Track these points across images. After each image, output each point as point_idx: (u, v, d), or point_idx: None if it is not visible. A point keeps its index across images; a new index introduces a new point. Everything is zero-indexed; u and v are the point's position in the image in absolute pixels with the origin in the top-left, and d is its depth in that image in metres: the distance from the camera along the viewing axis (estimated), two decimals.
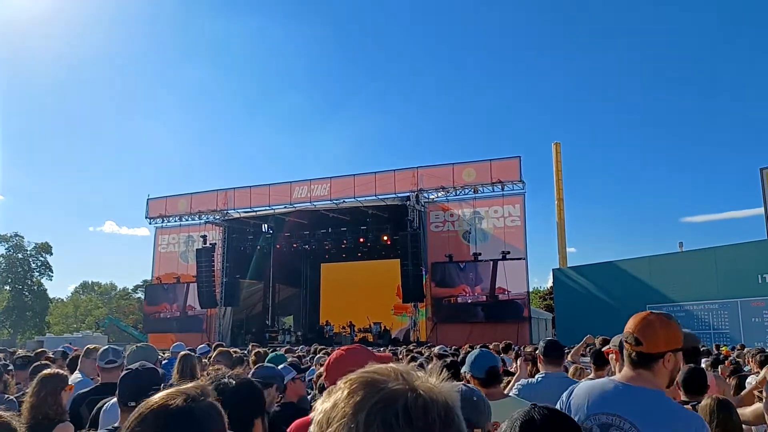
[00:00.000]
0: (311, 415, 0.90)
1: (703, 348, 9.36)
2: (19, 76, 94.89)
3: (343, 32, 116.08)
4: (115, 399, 3.47)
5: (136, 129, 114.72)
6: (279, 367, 4.20)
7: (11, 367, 6.83)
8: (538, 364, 4.71)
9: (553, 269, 30.71)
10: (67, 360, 6.58)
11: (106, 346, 4.80)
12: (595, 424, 2.24)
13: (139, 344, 5.01)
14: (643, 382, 2.24)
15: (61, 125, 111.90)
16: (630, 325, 2.33)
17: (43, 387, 3.67)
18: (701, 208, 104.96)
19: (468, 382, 3.33)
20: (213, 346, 10.70)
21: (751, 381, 4.53)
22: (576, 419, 2.29)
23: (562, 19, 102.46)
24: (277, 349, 12.90)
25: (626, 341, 2.32)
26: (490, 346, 9.81)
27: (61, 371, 4.06)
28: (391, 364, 0.89)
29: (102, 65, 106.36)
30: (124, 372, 3.11)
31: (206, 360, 7.61)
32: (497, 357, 3.76)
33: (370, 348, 2.95)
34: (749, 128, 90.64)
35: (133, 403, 2.89)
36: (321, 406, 0.88)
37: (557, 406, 2.44)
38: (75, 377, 5.08)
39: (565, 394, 2.45)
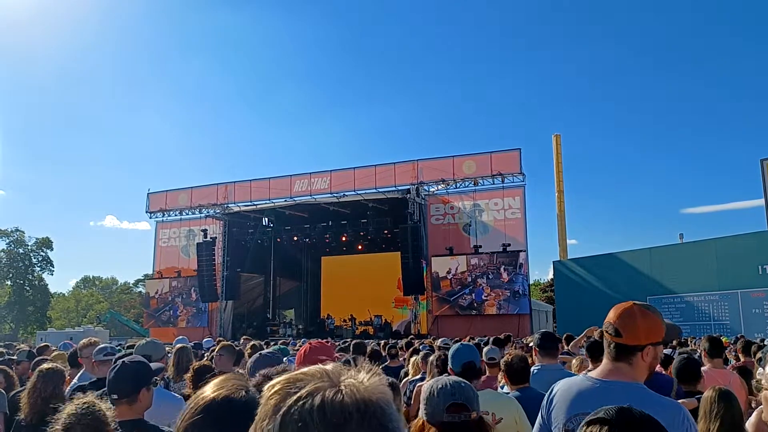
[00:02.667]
0: None
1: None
2: (19, 71, 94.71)
3: (344, 25, 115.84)
4: None
5: (137, 123, 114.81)
6: (285, 359, 4.21)
7: (15, 357, 6.88)
8: (534, 356, 4.69)
9: (553, 261, 30.76)
10: (68, 356, 6.59)
11: (105, 343, 4.82)
12: (576, 425, 2.17)
13: (147, 339, 5.02)
14: (620, 376, 2.20)
15: (61, 120, 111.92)
16: (611, 315, 2.27)
17: (50, 379, 3.72)
18: (702, 200, 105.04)
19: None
20: (216, 340, 10.74)
21: (761, 372, 4.55)
22: (558, 421, 2.25)
23: (563, 11, 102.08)
24: (279, 342, 12.95)
25: (606, 331, 2.26)
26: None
27: (59, 366, 4.11)
28: (319, 365, 0.88)
29: (102, 60, 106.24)
30: (113, 365, 3.10)
31: (207, 354, 7.61)
32: (477, 352, 3.74)
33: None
34: (750, 119, 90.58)
35: (115, 396, 2.87)
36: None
37: (540, 413, 2.40)
38: (79, 375, 5.11)
39: (546, 397, 2.40)
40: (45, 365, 4.01)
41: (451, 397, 2.26)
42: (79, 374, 5.14)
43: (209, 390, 1.39)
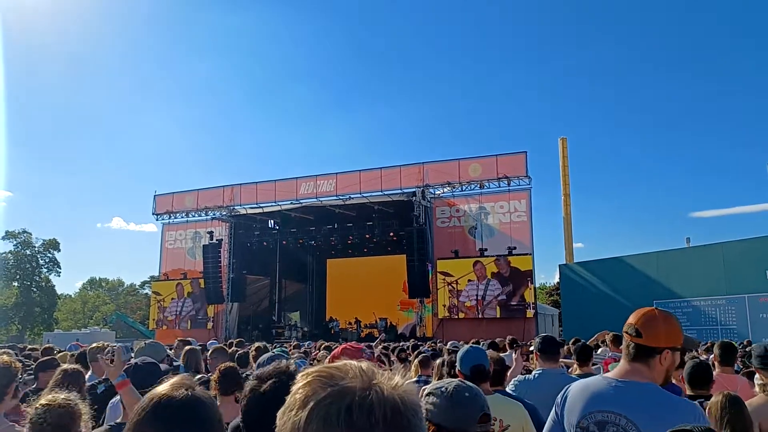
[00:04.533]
0: None
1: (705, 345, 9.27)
2: (26, 72, 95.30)
3: (350, 27, 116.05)
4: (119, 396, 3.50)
5: (143, 124, 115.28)
6: (292, 360, 4.22)
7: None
8: (535, 360, 4.68)
9: (559, 265, 30.67)
10: (76, 356, 6.61)
11: (127, 344, 4.87)
12: (591, 422, 2.22)
13: (147, 341, 5.05)
14: (637, 377, 2.23)
15: (68, 121, 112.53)
16: (633, 317, 2.32)
17: (75, 379, 3.76)
18: (710, 203, 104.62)
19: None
20: (227, 342, 10.75)
21: (758, 378, 4.52)
22: (572, 419, 2.28)
23: (569, 12, 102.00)
24: (284, 345, 12.96)
25: (626, 332, 2.31)
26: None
27: (80, 368, 4.14)
28: (354, 362, 0.88)
29: (108, 61, 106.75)
30: (125, 367, 3.14)
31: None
32: (486, 355, 3.70)
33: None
34: (758, 123, 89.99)
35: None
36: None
37: (553, 410, 2.42)
38: (87, 376, 5.14)
39: (560, 395, 2.42)
40: (69, 365, 4.03)
41: (481, 410, 2.09)
42: (86, 376, 5.18)
43: (157, 389, 1.47)
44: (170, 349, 7.56)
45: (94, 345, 5.21)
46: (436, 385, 2.10)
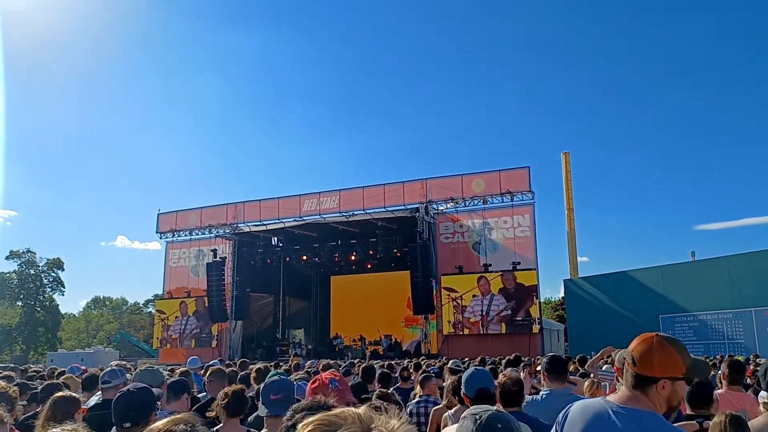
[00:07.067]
0: None
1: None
2: (30, 91, 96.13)
3: (353, 44, 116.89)
4: None
5: (147, 143, 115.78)
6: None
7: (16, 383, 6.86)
8: (542, 381, 4.63)
9: (564, 280, 30.59)
10: (82, 380, 6.55)
11: (108, 368, 4.81)
12: None
13: (144, 367, 5.00)
14: (636, 404, 2.18)
15: (72, 140, 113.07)
16: (632, 344, 2.27)
17: (58, 410, 3.66)
18: (715, 216, 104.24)
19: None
20: (237, 362, 10.67)
21: (763, 395, 4.43)
22: None
23: (571, 26, 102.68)
24: (280, 365, 12.86)
25: (625, 358, 2.27)
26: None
27: (74, 394, 4.05)
28: (352, 408, 0.92)
29: (112, 80, 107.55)
30: (118, 394, 3.12)
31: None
32: (491, 378, 3.66)
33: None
34: (764, 134, 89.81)
35: (128, 425, 2.89)
36: None
37: (554, 428, 2.39)
38: (93, 399, 5.08)
39: (560, 415, 2.40)
40: (59, 393, 3.95)
41: None
42: (93, 398, 5.13)
43: (159, 424, 1.50)
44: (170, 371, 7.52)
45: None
46: (474, 411, 2.00)
